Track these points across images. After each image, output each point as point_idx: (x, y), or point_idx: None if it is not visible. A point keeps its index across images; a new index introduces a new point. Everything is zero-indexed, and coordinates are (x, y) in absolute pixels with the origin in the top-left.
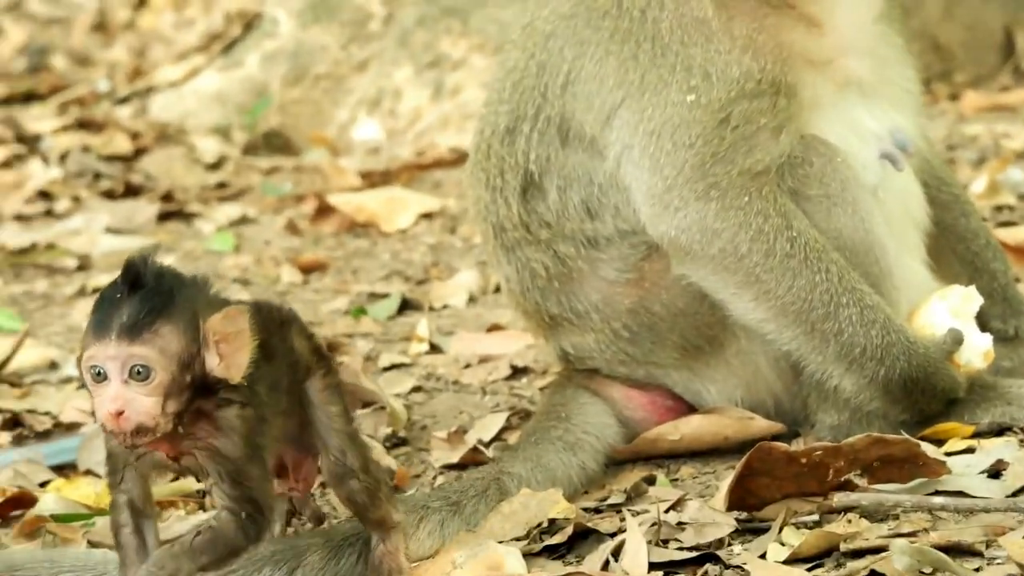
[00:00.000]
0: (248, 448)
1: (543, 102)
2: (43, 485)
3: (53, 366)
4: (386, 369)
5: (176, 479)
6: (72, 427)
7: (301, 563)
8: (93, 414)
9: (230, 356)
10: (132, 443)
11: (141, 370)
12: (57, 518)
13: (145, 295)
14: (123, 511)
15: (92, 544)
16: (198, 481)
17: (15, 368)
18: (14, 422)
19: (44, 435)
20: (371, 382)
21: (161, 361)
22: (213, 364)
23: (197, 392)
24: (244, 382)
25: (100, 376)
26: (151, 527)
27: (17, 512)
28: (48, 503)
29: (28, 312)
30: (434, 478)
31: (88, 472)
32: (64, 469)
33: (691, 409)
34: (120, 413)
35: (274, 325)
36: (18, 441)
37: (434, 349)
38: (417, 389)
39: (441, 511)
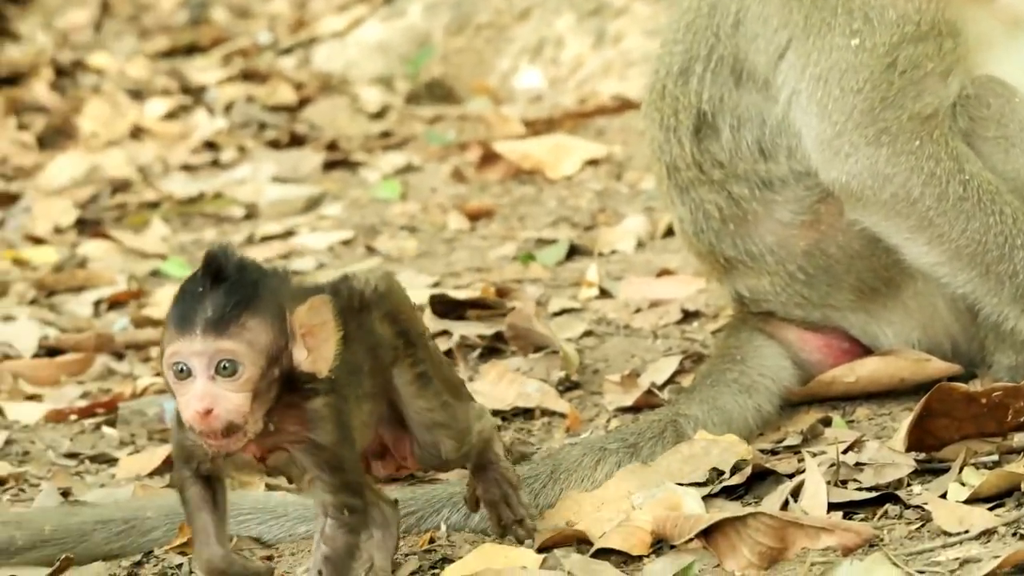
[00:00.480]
0: (340, 434)
1: (716, 42)
2: None
3: None
4: (556, 314)
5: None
6: None
7: None
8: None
9: (317, 349)
10: (223, 446)
11: (228, 365)
12: None
13: (230, 287)
14: (191, 486)
15: (269, 487)
16: (289, 482)
17: None
18: None
19: None
20: (543, 326)
21: (250, 355)
22: (301, 358)
23: (284, 387)
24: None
25: (184, 373)
26: (223, 490)
27: None
28: None
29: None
30: (608, 421)
31: None
32: None
33: (867, 351)
34: (209, 412)
35: (351, 310)
36: None
37: (604, 294)
38: (588, 334)
39: (618, 452)
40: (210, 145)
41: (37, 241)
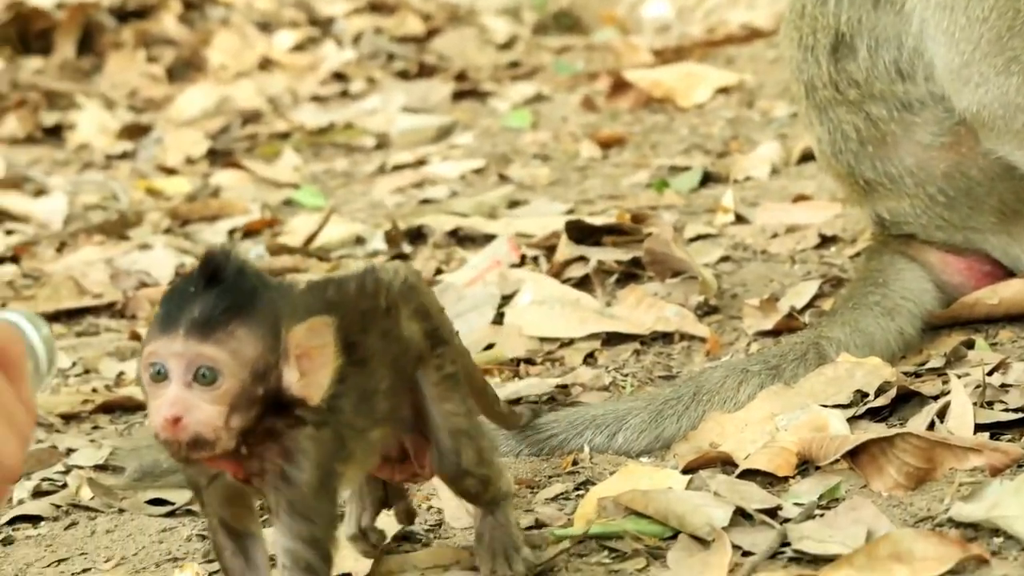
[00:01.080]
0: (319, 476)
1: None
2: None
3: (359, 241)
4: (692, 240)
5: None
6: None
7: (623, 427)
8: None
9: (312, 373)
10: (186, 456)
11: (207, 373)
12: None
13: (223, 291)
14: (219, 532)
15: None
16: (270, 511)
17: (322, 243)
18: None
19: None
20: (681, 251)
21: (231, 366)
22: (291, 380)
23: (268, 410)
24: (323, 404)
25: (160, 376)
26: (256, 544)
27: None
28: None
29: (330, 189)
30: (748, 345)
31: None
32: None
33: (1009, 273)
34: (177, 420)
35: (376, 313)
36: None
37: (739, 220)
38: (725, 259)
39: (760, 374)
40: (339, 76)
41: (169, 172)
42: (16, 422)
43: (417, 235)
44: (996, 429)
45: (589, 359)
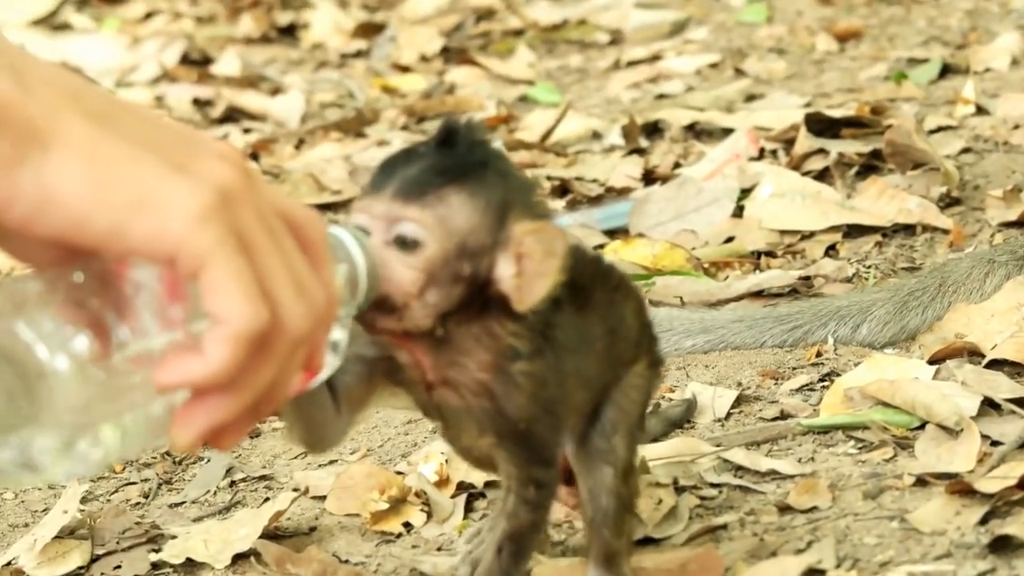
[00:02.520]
0: (537, 408)
1: None
2: (597, 248)
3: (595, 136)
4: (932, 132)
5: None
6: (622, 192)
7: (867, 318)
8: (642, 178)
9: (527, 277)
10: (372, 320)
11: (409, 236)
12: None
13: (446, 156)
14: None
15: (653, 303)
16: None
17: (559, 138)
18: (563, 189)
19: (595, 200)
20: (922, 142)
21: (437, 232)
22: (505, 274)
23: (472, 301)
24: (535, 321)
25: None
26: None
27: None
28: None
29: (565, 86)
30: (991, 236)
31: (640, 235)
32: (615, 233)
33: None
34: None
35: (604, 281)
36: (571, 206)
37: (980, 111)
38: (966, 150)
39: (1007, 265)
40: None
41: (404, 70)
42: (308, 293)
43: (654, 130)
44: None
45: (830, 251)
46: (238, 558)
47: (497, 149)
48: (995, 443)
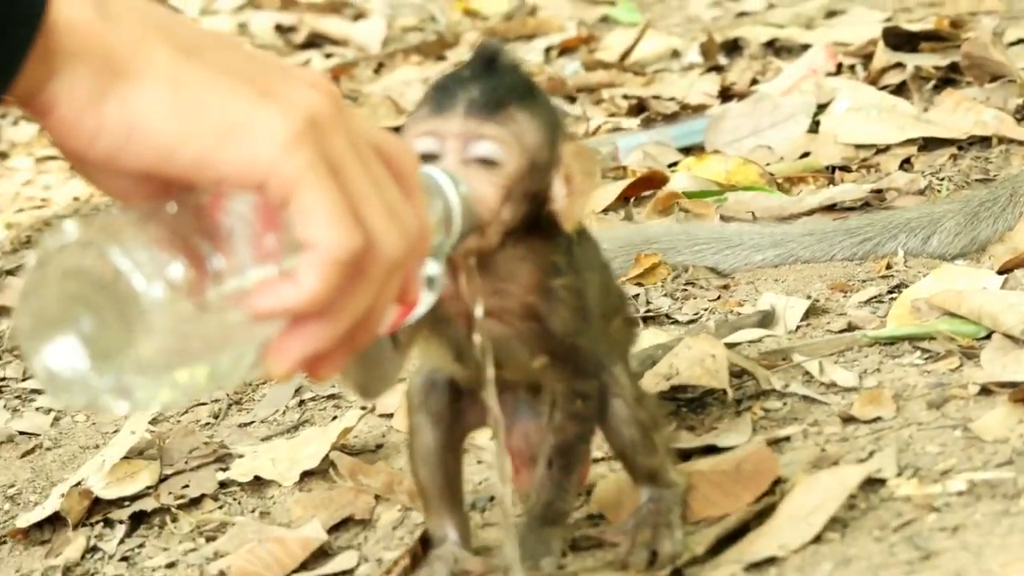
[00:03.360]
0: (579, 321)
1: None
2: (672, 165)
3: (675, 54)
4: (1012, 44)
5: None
6: (698, 109)
7: (937, 229)
8: (719, 95)
9: (573, 196)
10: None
11: (489, 153)
12: (689, 195)
13: (502, 76)
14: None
15: (724, 218)
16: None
17: (638, 58)
18: (640, 107)
19: (671, 118)
20: (1000, 55)
21: (515, 148)
22: (559, 193)
23: (528, 220)
24: (564, 239)
25: (429, 159)
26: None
27: (648, 191)
28: (680, 180)
29: (646, 5)
30: None
31: (715, 152)
32: (691, 150)
33: None
34: None
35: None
36: (646, 124)
37: None
38: None
39: None
40: None
41: None
42: (401, 218)
43: (733, 47)
44: None
45: (905, 164)
46: (306, 475)
47: (527, 69)
48: None
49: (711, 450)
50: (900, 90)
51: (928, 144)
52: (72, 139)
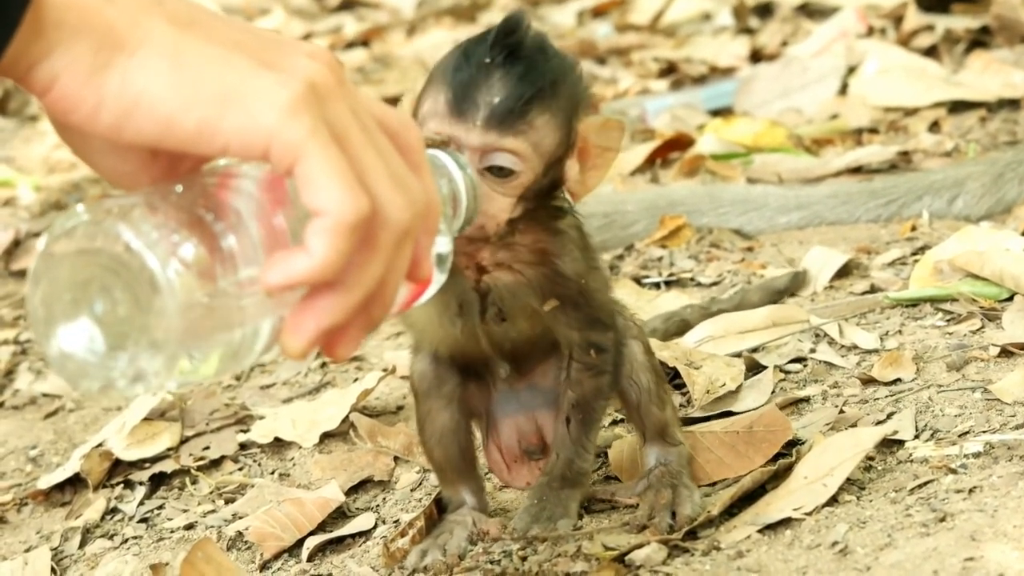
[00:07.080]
0: (588, 261)
1: None
2: (700, 128)
3: (706, 17)
4: None
5: None
6: (728, 72)
7: (962, 191)
8: (750, 58)
9: (588, 171)
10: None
11: (506, 165)
12: (715, 157)
13: (525, 71)
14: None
15: (750, 180)
16: (485, 317)
17: (670, 21)
18: (670, 69)
19: (700, 80)
20: None
21: (531, 159)
22: (573, 172)
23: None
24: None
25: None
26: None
27: (675, 154)
28: (707, 143)
29: None
30: None
31: (744, 114)
32: (720, 112)
33: None
34: None
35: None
36: (675, 86)
37: None
38: None
39: None
40: None
41: None
42: (406, 186)
43: (764, 10)
44: None
45: (933, 127)
46: (325, 437)
47: (551, 43)
48: None
49: (729, 414)
50: (931, 52)
51: (957, 107)
52: (73, 114)
